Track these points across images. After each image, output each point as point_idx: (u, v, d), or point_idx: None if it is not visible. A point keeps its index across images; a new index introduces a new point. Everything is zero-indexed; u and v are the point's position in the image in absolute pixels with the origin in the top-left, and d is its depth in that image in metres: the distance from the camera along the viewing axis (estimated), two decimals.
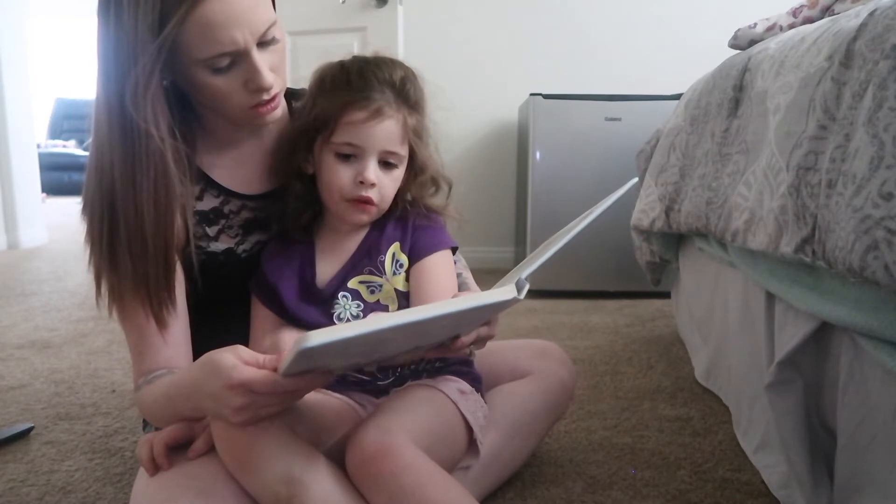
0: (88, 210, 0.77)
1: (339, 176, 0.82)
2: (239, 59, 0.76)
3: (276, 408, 0.65)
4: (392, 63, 0.84)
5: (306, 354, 0.53)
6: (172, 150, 0.76)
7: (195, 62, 0.74)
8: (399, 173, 0.85)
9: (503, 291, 0.59)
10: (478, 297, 0.58)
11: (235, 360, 0.62)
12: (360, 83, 0.81)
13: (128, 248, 0.75)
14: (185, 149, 0.78)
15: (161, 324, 0.79)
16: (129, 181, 0.74)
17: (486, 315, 0.72)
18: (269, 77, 0.78)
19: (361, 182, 0.81)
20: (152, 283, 0.77)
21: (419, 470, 0.67)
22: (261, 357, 0.63)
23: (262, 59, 0.77)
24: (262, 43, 0.77)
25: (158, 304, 0.78)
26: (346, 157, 0.82)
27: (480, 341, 0.76)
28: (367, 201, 0.82)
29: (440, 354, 0.75)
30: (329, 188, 0.83)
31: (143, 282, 0.77)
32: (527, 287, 0.61)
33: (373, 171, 0.82)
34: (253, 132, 0.91)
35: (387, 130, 0.81)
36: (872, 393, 0.71)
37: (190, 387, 0.69)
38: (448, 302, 0.57)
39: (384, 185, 0.83)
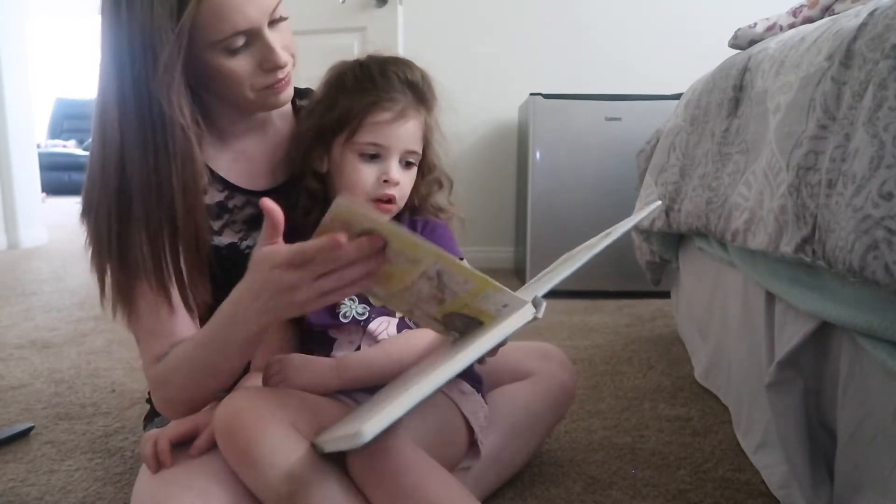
0: (94, 210, 0.77)
1: (362, 175, 0.82)
2: (253, 38, 0.77)
3: (336, 282, 0.61)
4: (408, 63, 0.85)
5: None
6: (196, 136, 0.77)
7: (210, 45, 0.75)
8: (415, 172, 0.87)
9: (522, 314, 0.60)
10: (504, 328, 0.59)
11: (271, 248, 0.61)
12: (383, 83, 0.82)
13: (148, 241, 0.75)
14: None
15: (191, 309, 0.79)
16: (151, 172, 0.74)
17: None
18: (283, 55, 0.79)
19: (386, 181, 0.82)
20: (186, 266, 0.77)
21: (419, 469, 0.67)
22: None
23: (274, 37, 0.78)
24: (272, 21, 0.78)
25: (194, 287, 0.78)
26: (369, 157, 0.82)
27: (493, 351, 0.77)
28: (390, 199, 0.84)
29: None
30: (351, 187, 0.84)
31: (175, 269, 0.76)
32: (544, 305, 0.62)
33: (396, 170, 0.83)
34: (257, 127, 0.92)
35: (410, 131, 0.83)
36: (872, 393, 0.71)
37: (229, 309, 0.68)
38: (481, 341, 0.58)
39: (404, 183, 0.84)
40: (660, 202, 0.92)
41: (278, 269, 0.60)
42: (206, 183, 0.86)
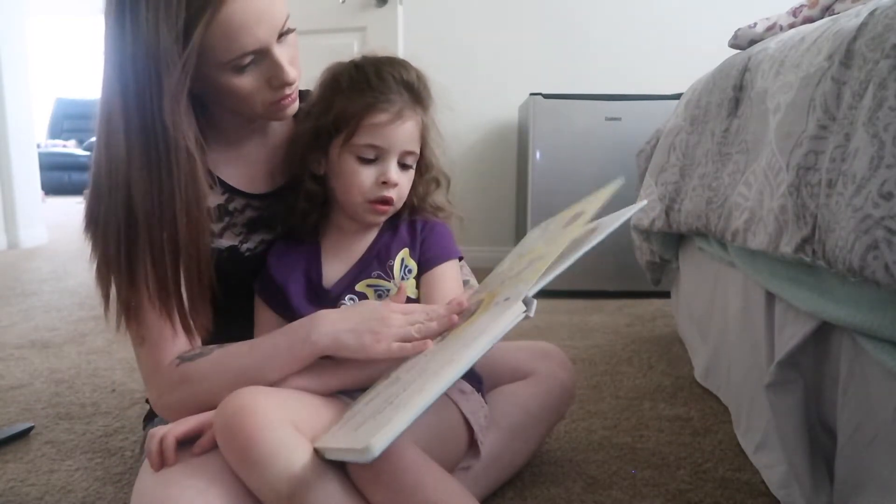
0: (101, 226, 0.75)
1: (360, 177, 0.82)
2: (260, 56, 0.76)
3: (418, 331, 0.73)
4: (403, 63, 0.85)
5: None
6: (201, 158, 0.75)
7: (218, 65, 0.74)
8: (413, 172, 0.87)
9: (513, 313, 0.62)
10: (496, 330, 0.61)
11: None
12: (379, 84, 0.81)
13: (152, 262, 0.74)
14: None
15: (191, 333, 0.78)
16: (156, 194, 0.73)
17: None
18: (292, 72, 0.79)
19: (384, 183, 0.82)
20: (188, 291, 0.76)
21: (419, 469, 0.67)
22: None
23: (282, 53, 0.77)
24: (280, 35, 0.77)
25: (195, 312, 0.77)
26: (367, 159, 0.82)
27: None
28: (388, 201, 0.84)
29: None
30: (349, 189, 0.83)
31: (176, 291, 0.75)
32: (534, 304, 0.64)
33: (395, 171, 0.83)
34: (258, 130, 0.92)
35: (407, 131, 0.82)
36: (872, 393, 0.71)
37: (305, 322, 0.75)
38: (476, 346, 0.59)
39: (402, 184, 0.84)
40: (646, 201, 0.93)
41: (389, 303, 0.75)
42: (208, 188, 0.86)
